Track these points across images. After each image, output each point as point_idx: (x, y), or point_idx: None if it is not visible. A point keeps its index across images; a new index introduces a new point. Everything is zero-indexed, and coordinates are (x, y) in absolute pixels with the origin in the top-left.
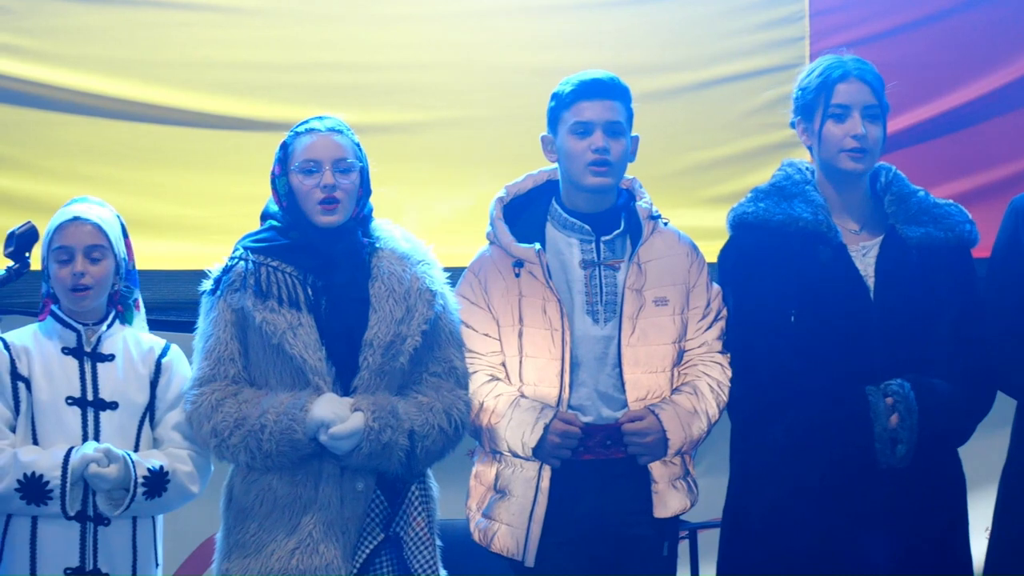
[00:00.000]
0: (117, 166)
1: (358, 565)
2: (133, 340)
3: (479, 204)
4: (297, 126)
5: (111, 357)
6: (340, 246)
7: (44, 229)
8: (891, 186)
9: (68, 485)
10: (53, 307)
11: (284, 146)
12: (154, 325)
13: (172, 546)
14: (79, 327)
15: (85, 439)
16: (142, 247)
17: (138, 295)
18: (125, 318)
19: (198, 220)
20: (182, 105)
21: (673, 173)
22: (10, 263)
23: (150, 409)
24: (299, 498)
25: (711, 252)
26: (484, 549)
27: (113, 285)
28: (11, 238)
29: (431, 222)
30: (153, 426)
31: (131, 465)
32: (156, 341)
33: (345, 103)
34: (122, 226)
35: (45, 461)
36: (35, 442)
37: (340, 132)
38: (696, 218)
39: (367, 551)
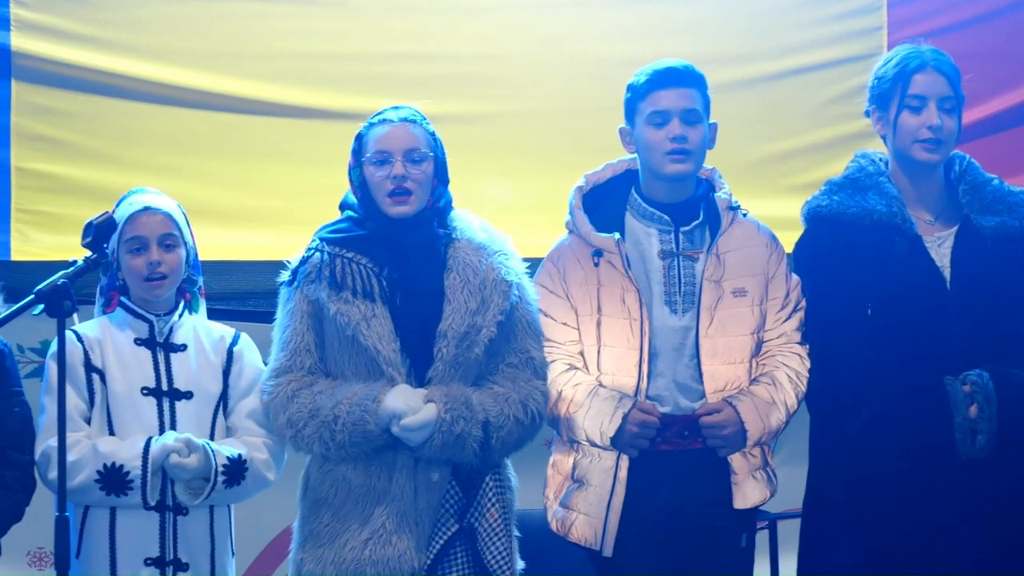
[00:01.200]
0: (196, 157)
1: (431, 556)
2: (203, 329)
3: (556, 194)
4: (372, 116)
5: (183, 347)
6: (414, 237)
7: None
8: (965, 175)
9: (148, 475)
10: (123, 298)
11: (359, 137)
12: (232, 315)
13: (250, 535)
14: (151, 317)
15: (162, 429)
16: (221, 238)
17: (201, 283)
18: (192, 306)
19: (277, 211)
20: (261, 96)
21: (750, 163)
22: (88, 253)
23: (223, 398)
24: (373, 489)
25: (788, 242)
26: (562, 539)
27: (184, 273)
28: (89, 228)
29: (508, 212)
30: (226, 415)
31: (211, 454)
32: (226, 330)
33: (423, 94)
34: (183, 214)
35: (125, 452)
36: (111, 433)
37: (414, 122)
38: (773, 208)
39: (441, 542)
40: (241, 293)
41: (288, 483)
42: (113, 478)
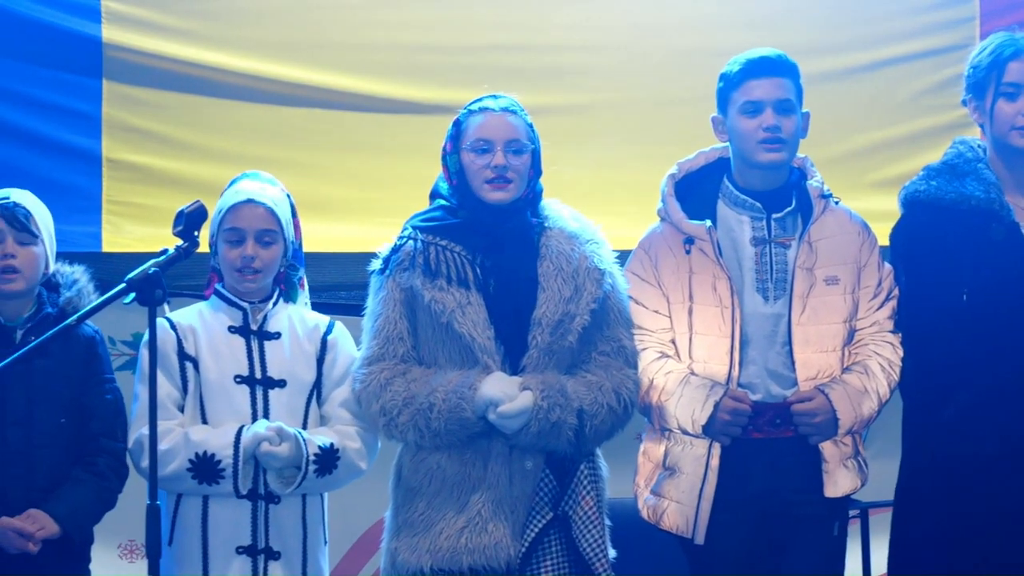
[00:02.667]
0: (287, 148)
1: (527, 544)
2: (298, 318)
3: (647, 185)
4: (471, 104)
5: (277, 335)
6: (509, 225)
7: (213, 208)
8: None
9: (240, 464)
10: (217, 285)
11: (457, 123)
12: (323, 307)
13: (345, 525)
14: (245, 305)
15: (254, 418)
16: (311, 230)
17: (303, 273)
18: (289, 296)
19: (367, 203)
20: (351, 88)
21: (843, 155)
22: (179, 242)
23: (317, 386)
24: (468, 477)
25: (881, 233)
26: (653, 527)
27: (280, 267)
28: (180, 217)
29: (601, 202)
30: (320, 403)
31: (303, 443)
32: (320, 319)
33: (515, 85)
34: (291, 204)
35: (217, 440)
36: (204, 421)
37: (514, 112)
38: (866, 200)
39: (536, 530)
40: (332, 285)
41: (384, 473)
42: (205, 467)
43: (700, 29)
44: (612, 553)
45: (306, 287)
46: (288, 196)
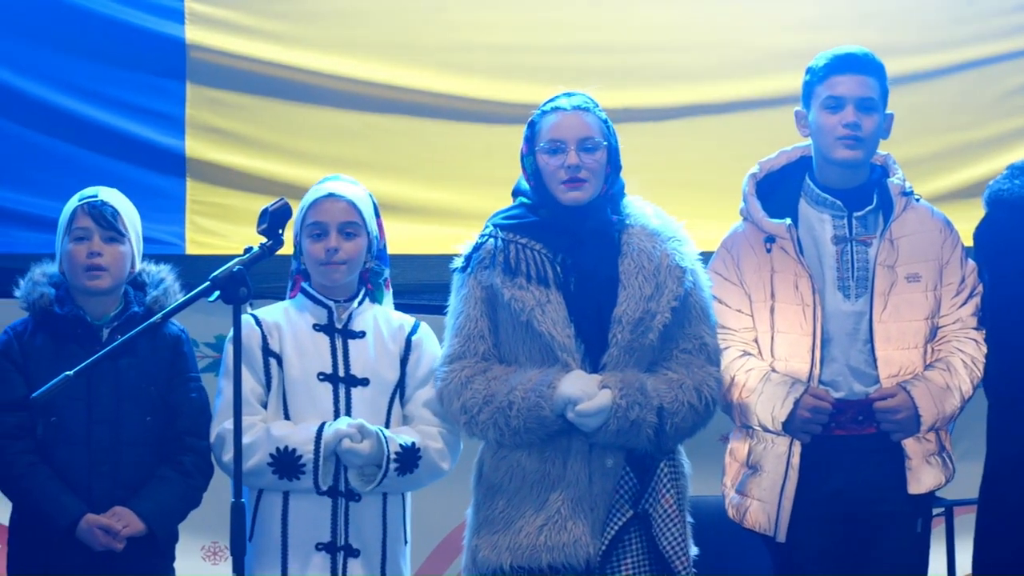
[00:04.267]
0: (369, 150)
1: (606, 542)
2: (383, 317)
3: (732, 184)
4: (544, 104)
5: (362, 334)
6: (588, 224)
7: (297, 209)
8: None
9: (321, 460)
10: (304, 284)
11: (531, 124)
12: (406, 308)
13: (430, 526)
14: (330, 303)
15: (337, 415)
16: (393, 231)
17: (387, 274)
18: (375, 296)
19: (450, 204)
20: (436, 89)
21: (928, 155)
22: (263, 240)
23: (400, 386)
24: (547, 475)
25: (966, 233)
26: (738, 526)
27: (364, 263)
28: (264, 215)
29: (684, 202)
30: (403, 403)
31: (384, 441)
32: (406, 319)
33: (601, 85)
34: (374, 205)
35: (298, 436)
36: (287, 418)
37: (587, 110)
38: (950, 200)
39: (616, 528)
40: (415, 286)
41: (467, 474)
42: (286, 462)
43: (785, 29)
44: (694, 551)
45: (391, 288)
46: (371, 196)
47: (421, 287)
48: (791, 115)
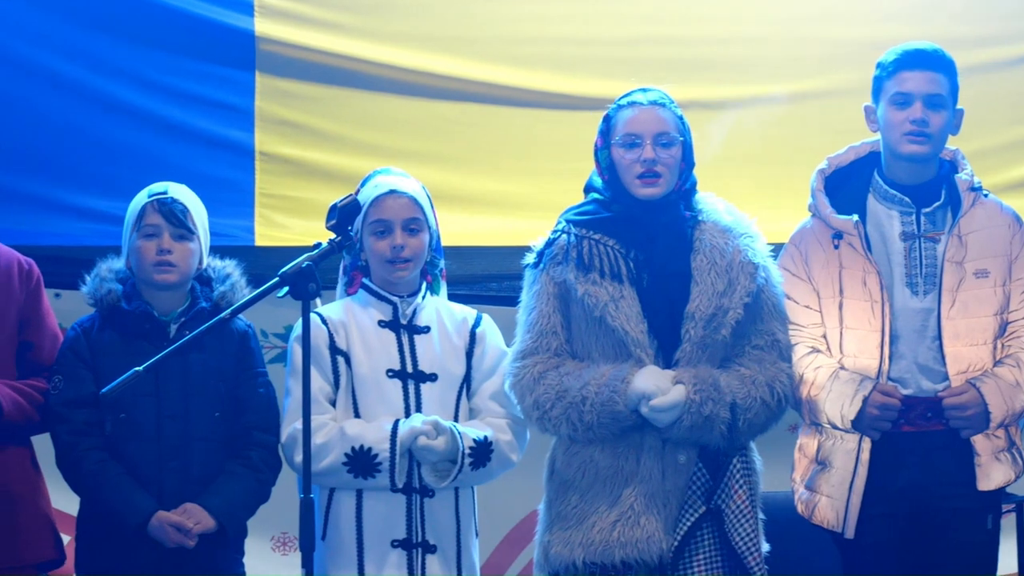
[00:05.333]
0: (439, 142)
1: (679, 538)
2: (446, 311)
3: (799, 178)
4: (620, 98)
5: (427, 329)
6: (661, 219)
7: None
8: None
9: (397, 457)
10: (365, 280)
11: (607, 118)
12: (474, 299)
13: (496, 518)
14: (395, 299)
15: (407, 412)
16: (463, 223)
17: (443, 265)
18: (434, 288)
19: (519, 196)
20: (503, 81)
21: (994, 148)
22: (332, 235)
23: (467, 380)
24: (621, 470)
25: None
26: (807, 521)
27: (426, 257)
28: (333, 211)
29: (755, 196)
30: (469, 396)
31: (458, 436)
32: (468, 312)
33: (667, 77)
34: (428, 196)
35: (372, 434)
36: (356, 416)
37: (663, 105)
38: (1016, 194)
39: (688, 524)
40: (483, 277)
41: (533, 466)
42: (361, 461)
43: (855, 20)
44: (765, 547)
45: (446, 278)
46: (424, 188)
47: (490, 277)
48: (857, 108)
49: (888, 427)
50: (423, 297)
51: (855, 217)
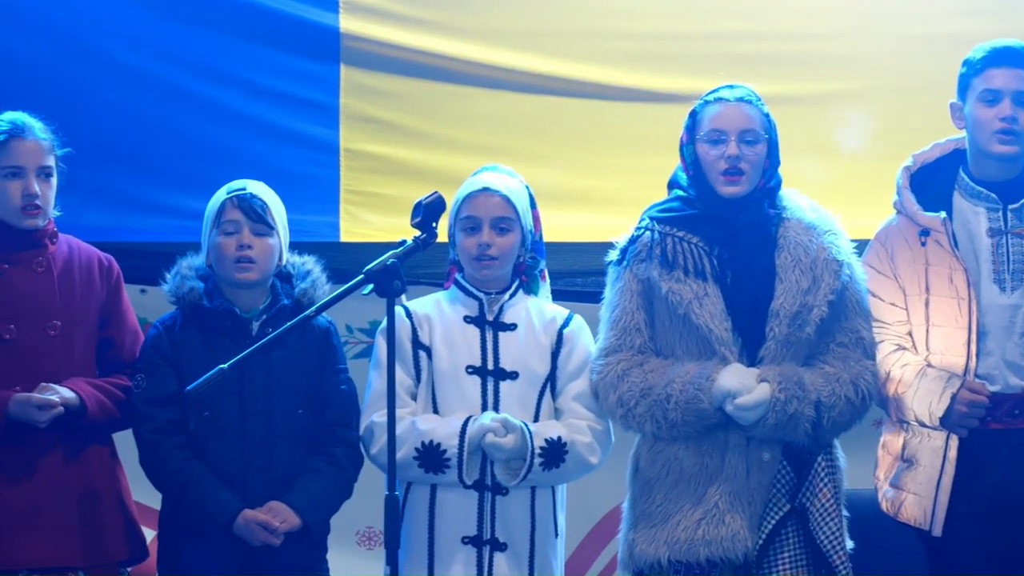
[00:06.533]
0: (524, 138)
1: (764, 536)
2: (536, 310)
3: (886, 175)
4: (707, 94)
5: (513, 326)
6: (745, 217)
7: (451, 200)
8: None
9: (465, 454)
10: (457, 275)
11: (693, 114)
12: (558, 294)
13: (580, 514)
14: (481, 296)
15: (484, 408)
16: (548, 218)
17: (544, 265)
18: (529, 288)
19: (603, 192)
20: (589, 77)
21: None
22: (417, 233)
23: (551, 379)
24: (705, 468)
25: None
26: (892, 519)
27: (518, 256)
28: (418, 208)
29: (838, 192)
30: (554, 396)
31: (528, 435)
32: (559, 311)
33: (753, 73)
34: (530, 196)
35: (443, 430)
36: (435, 411)
37: (749, 102)
38: None
39: (773, 522)
40: (568, 272)
41: (617, 463)
42: (431, 455)
43: (937, 16)
44: (850, 544)
45: (548, 279)
46: (527, 187)
47: (575, 273)
48: (943, 104)
49: (976, 424)
50: (512, 295)
51: (942, 214)
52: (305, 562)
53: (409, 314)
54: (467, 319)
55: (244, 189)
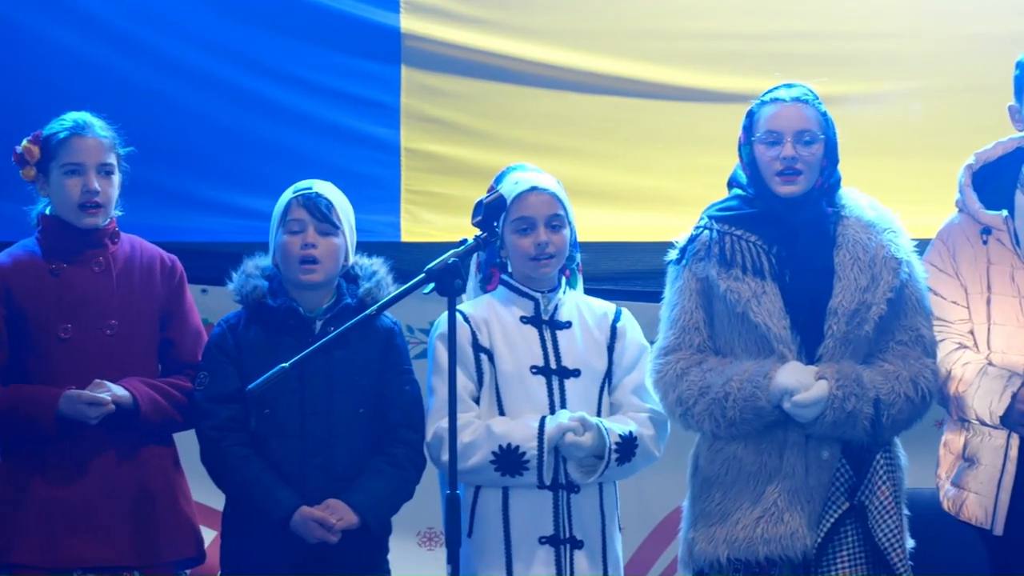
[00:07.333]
0: (583, 138)
1: (823, 534)
2: (585, 306)
3: (946, 173)
4: (764, 94)
5: (568, 324)
6: (803, 216)
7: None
8: None
9: (545, 455)
10: (503, 276)
11: (750, 114)
12: (617, 295)
13: (642, 514)
14: (536, 295)
15: (552, 408)
16: (606, 218)
17: (580, 259)
18: (571, 283)
19: (663, 192)
20: (648, 77)
21: None
22: (477, 232)
23: (608, 375)
24: (764, 467)
25: None
26: (953, 518)
27: (567, 253)
28: (479, 207)
29: (899, 191)
30: (610, 391)
31: (604, 432)
32: (607, 306)
33: (811, 72)
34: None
35: (519, 432)
36: (501, 413)
37: (806, 102)
38: None
39: (832, 520)
40: (626, 274)
41: (677, 463)
42: (509, 459)
43: (1001, 16)
44: (910, 543)
45: (582, 272)
46: (558, 183)
47: (635, 274)
48: (999, 103)
49: None
50: (563, 292)
51: (1004, 212)
52: (364, 561)
53: (467, 318)
54: (523, 320)
55: (310, 188)
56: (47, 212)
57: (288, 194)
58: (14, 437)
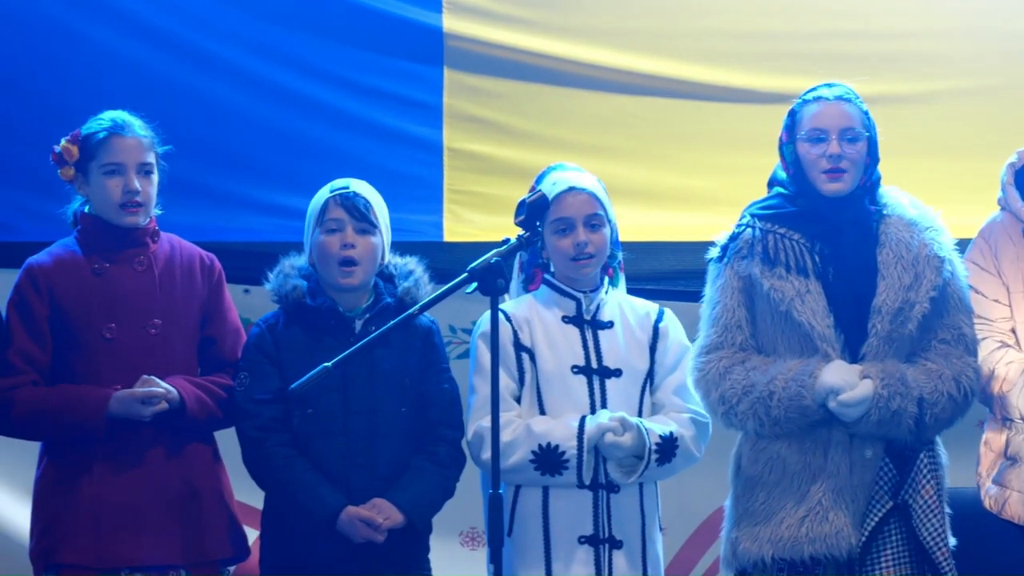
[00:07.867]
0: (626, 138)
1: (867, 533)
2: (628, 306)
3: (990, 172)
4: (805, 93)
5: (610, 324)
6: (846, 214)
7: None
8: None
9: (584, 455)
10: (546, 276)
11: (792, 113)
12: (660, 295)
13: (684, 514)
14: (578, 295)
15: (593, 408)
16: (648, 218)
17: (621, 257)
18: (613, 281)
19: (705, 191)
20: (689, 77)
21: None
22: (520, 231)
23: (650, 375)
24: (808, 466)
25: None
26: (995, 517)
27: (608, 251)
28: (522, 207)
29: (941, 190)
30: (652, 391)
31: (644, 432)
32: (650, 306)
33: (854, 72)
34: (604, 190)
35: (560, 431)
36: (542, 412)
37: (848, 100)
38: None
39: (876, 519)
40: (669, 273)
41: (719, 463)
42: (548, 458)
43: None
44: (952, 542)
45: (623, 270)
46: (599, 182)
47: (677, 273)
48: None
49: None
50: (605, 292)
51: None
52: (407, 561)
53: (509, 317)
54: (565, 319)
55: (347, 188)
56: (85, 211)
57: (325, 193)
58: (63, 437)
